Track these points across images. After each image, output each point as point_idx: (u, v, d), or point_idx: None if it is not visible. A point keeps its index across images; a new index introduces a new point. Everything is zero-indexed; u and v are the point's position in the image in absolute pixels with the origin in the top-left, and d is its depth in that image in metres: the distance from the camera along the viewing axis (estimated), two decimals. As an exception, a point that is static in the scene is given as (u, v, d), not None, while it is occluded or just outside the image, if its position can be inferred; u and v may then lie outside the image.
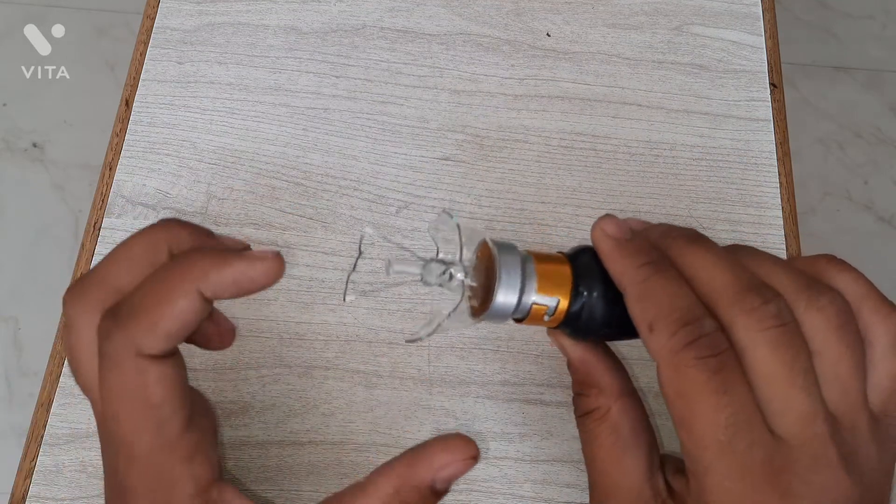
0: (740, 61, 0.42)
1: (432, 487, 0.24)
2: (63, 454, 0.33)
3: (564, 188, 0.39)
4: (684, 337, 0.21)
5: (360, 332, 0.35)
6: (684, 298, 0.22)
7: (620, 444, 0.24)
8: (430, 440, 0.24)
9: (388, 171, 0.39)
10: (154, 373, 0.22)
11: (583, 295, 0.24)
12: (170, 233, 0.25)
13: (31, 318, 1.10)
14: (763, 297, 0.21)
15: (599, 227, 0.24)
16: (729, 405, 0.20)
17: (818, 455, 0.20)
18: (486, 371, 0.35)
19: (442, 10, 0.43)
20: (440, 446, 0.24)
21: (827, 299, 0.21)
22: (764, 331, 0.20)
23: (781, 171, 0.39)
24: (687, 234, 0.24)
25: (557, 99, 0.41)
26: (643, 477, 0.24)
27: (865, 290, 0.23)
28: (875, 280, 0.23)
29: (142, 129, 0.39)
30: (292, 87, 0.40)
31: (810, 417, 0.20)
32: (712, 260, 0.22)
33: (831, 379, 0.21)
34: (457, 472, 0.24)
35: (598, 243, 0.24)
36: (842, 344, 0.21)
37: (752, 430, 0.20)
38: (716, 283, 0.22)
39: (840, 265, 0.23)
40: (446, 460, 0.24)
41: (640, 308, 0.22)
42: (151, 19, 0.42)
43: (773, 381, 0.20)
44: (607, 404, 0.25)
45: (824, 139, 1.25)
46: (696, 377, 0.20)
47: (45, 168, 1.19)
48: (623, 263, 0.23)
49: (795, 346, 0.20)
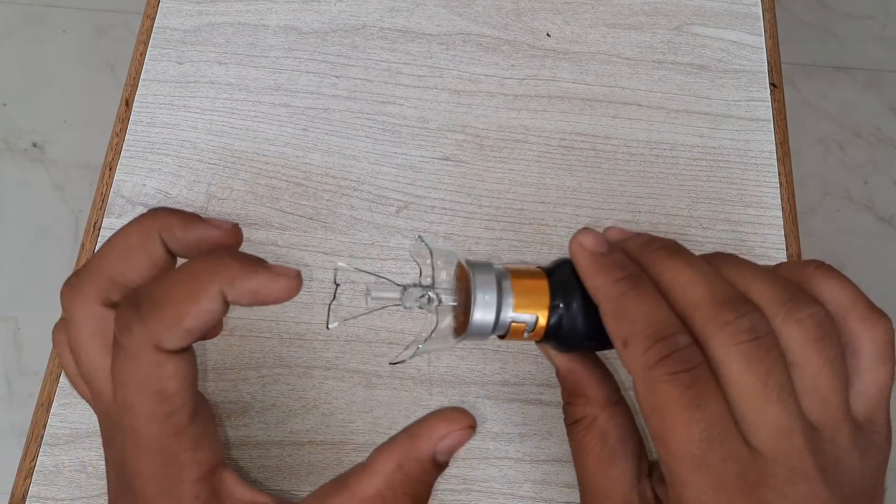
0: (740, 61, 0.42)
1: (434, 459, 0.24)
2: (63, 454, 0.33)
3: (564, 188, 0.39)
4: (657, 352, 0.21)
5: (360, 332, 0.35)
6: (659, 314, 0.22)
7: (608, 453, 0.25)
8: (427, 415, 0.25)
9: (388, 171, 0.39)
10: (171, 367, 0.23)
11: (560, 309, 0.24)
12: (160, 221, 0.25)
13: (31, 318, 1.10)
14: (737, 310, 0.21)
15: (577, 240, 0.24)
16: (702, 420, 0.20)
17: (795, 468, 0.20)
18: (486, 371, 0.35)
19: (442, 10, 0.43)
20: (438, 418, 0.24)
21: (806, 312, 0.21)
22: (737, 345, 0.21)
23: (781, 171, 0.39)
24: (666, 245, 0.24)
25: (557, 99, 0.41)
26: (630, 484, 0.24)
27: (853, 299, 0.23)
28: (875, 280, 0.23)
29: (142, 129, 0.39)
30: (292, 87, 0.40)
31: (786, 431, 0.20)
32: (689, 273, 0.22)
33: (811, 391, 0.21)
34: (456, 442, 0.24)
35: (575, 257, 0.24)
36: (821, 357, 0.21)
37: (726, 444, 0.20)
38: (691, 297, 0.22)
39: (827, 272, 0.23)
40: (445, 431, 0.24)
41: (615, 324, 0.22)
42: (151, 19, 0.42)
43: (747, 395, 0.20)
44: (594, 413, 0.25)
45: (824, 139, 1.25)
46: (670, 392, 0.20)
47: (45, 168, 1.19)
48: (599, 278, 0.23)
49: (770, 359, 0.20)
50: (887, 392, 0.22)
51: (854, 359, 0.22)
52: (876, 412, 0.22)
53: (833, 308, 0.22)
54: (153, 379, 0.22)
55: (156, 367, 0.22)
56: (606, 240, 0.24)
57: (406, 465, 0.24)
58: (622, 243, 0.25)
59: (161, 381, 0.23)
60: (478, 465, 0.33)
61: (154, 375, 0.22)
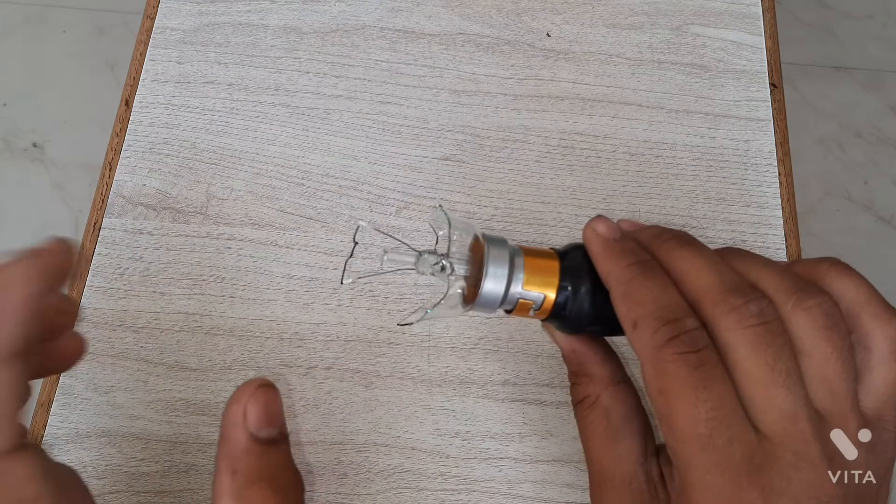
0: (740, 61, 0.42)
1: (257, 439, 0.23)
2: (63, 454, 0.33)
3: (564, 188, 0.39)
4: (666, 333, 0.21)
5: (360, 332, 0.35)
6: (668, 298, 0.22)
7: (612, 431, 0.25)
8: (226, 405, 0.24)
9: (388, 171, 0.39)
10: None
11: (569, 290, 0.24)
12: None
13: (31, 318, 1.10)
14: (745, 296, 0.21)
15: (591, 226, 0.25)
16: (708, 400, 0.20)
17: (800, 452, 0.20)
18: (485, 371, 0.35)
19: (442, 10, 0.43)
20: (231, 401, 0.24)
21: (815, 301, 0.21)
22: (745, 329, 0.21)
23: (781, 171, 0.39)
24: (678, 236, 0.24)
25: (557, 99, 0.41)
26: (636, 462, 0.24)
27: (867, 296, 0.23)
28: (875, 280, 0.23)
29: (142, 129, 0.39)
30: (292, 87, 0.40)
31: (792, 415, 0.20)
32: (700, 262, 0.23)
33: (818, 380, 0.21)
34: (260, 410, 0.24)
35: (589, 242, 0.25)
36: (829, 345, 0.21)
37: (732, 426, 0.20)
38: (701, 284, 0.22)
39: (842, 269, 0.23)
40: (241, 408, 0.23)
41: (625, 306, 0.23)
42: (151, 19, 0.42)
43: (754, 379, 0.21)
44: (597, 392, 0.26)
45: (824, 139, 1.25)
46: (677, 373, 0.21)
47: (45, 168, 1.19)
48: (611, 262, 0.24)
49: (777, 344, 0.21)
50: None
51: (866, 355, 0.22)
52: (885, 409, 0.22)
53: (847, 305, 0.23)
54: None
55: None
56: (619, 228, 0.25)
57: (235, 465, 0.23)
58: (634, 233, 0.25)
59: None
60: (478, 465, 0.33)
61: None
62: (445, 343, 0.35)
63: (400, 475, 0.33)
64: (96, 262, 0.36)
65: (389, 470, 0.33)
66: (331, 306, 0.35)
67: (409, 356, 0.35)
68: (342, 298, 0.36)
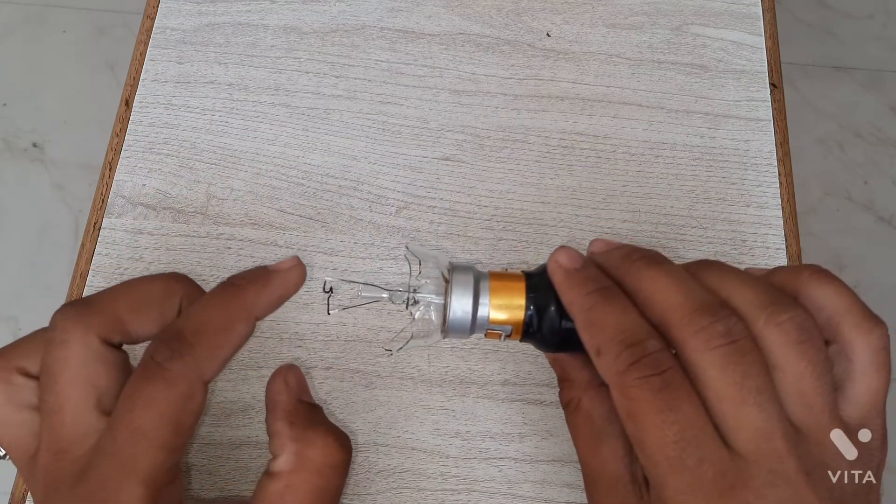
0: (740, 61, 0.42)
1: (301, 401, 0.28)
2: (63, 454, 0.33)
3: (564, 188, 0.39)
4: (628, 358, 0.21)
5: (360, 332, 0.35)
6: (628, 321, 0.22)
7: (595, 433, 0.25)
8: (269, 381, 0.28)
9: (388, 171, 0.39)
10: (198, 400, 0.23)
11: (533, 310, 0.25)
12: (185, 287, 0.26)
13: (31, 318, 1.10)
14: (713, 315, 0.21)
15: (553, 258, 0.25)
16: (676, 422, 0.20)
17: (775, 470, 0.20)
18: (485, 371, 0.35)
19: (442, 10, 0.43)
20: (271, 380, 0.29)
21: (787, 315, 0.21)
22: (713, 350, 0.21)
23: (781, 171, 0.39)
24: (646, 256, 0.24)
25: (557, 99, 0.41)
26: (621, 464, 0.24)
27: (848, 304, 0.23)
28: (875, 280, 0.23)
29: (142, 129, 0.39)
30: (292, 87, 0.40)
31: (765, 433, 0.20)
32: (667, 282, 0.23)
33: (794, 394, 0.21)
34: (297, 379, 0.29)
35: (552, 275, 0.25)
36: (803, 359, 0.21)
37: (702, 446, 0.20)
38: (669, 304, 0.22)
39: (823, 277, 0.23)
40: (282, 380, 0.29)
41: (588, 333, 0.23)
42: (151, 19, 0.42)
43: (724, 397, 0.20)
44: (578, 395, 0.26)
45: (824, 139, 1.25)
46: (642, 396, 0.21)
47: (45, 168, 1.19)
48: (572, 292, 0.24)
49: (746, 362, 0.20)
50: (881, 398, 0.22)
51: (848, 365, 0.22)
52: (869, 418, 0.22)
53: (828, 313, 0.22)
54: (179, 410, 0.22)
55: (187, 398, 0.23)
56: (581, 257, 0.25)
57: (291, 418, 0.26)
58: (605, 255, 0.25)
59: (185, 413, 0.23)
60: (478, 465, 0.33)
61: (181, 406, 0.23)
62: (445, 343, 0.35)
63: (400, 475, 0.33)
64: (96, 262, 0.36)
65: (389, 470, 0.33)
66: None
67: (409, 356, 0.35)
68: (342, 299, 0.36)
